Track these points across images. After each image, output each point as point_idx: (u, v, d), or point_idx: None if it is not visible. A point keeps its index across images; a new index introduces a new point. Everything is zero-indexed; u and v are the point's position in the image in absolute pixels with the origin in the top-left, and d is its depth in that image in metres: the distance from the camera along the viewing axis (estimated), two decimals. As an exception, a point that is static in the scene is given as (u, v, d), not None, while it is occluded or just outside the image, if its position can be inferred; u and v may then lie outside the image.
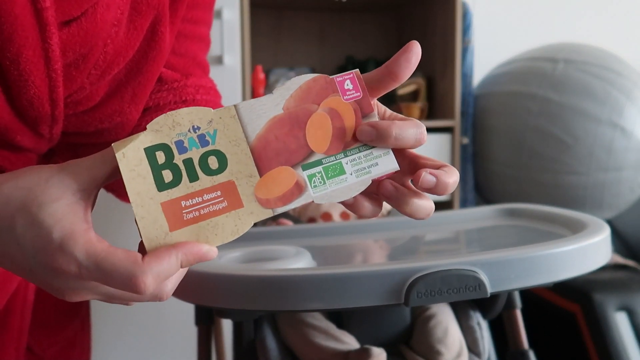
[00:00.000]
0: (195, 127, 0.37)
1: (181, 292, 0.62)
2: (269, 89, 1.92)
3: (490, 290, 0.57)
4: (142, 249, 0.37)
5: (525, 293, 0.94)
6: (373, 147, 0.40)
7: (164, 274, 0.34)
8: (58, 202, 0.34)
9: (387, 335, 0.90)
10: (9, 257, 0.35)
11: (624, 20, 2.43)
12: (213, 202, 0.37)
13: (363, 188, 0.39)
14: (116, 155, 0.36)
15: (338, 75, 0.40)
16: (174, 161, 0.37)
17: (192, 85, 0.62)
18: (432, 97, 2.01)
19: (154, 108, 0.58)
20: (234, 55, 1.59)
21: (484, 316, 0.95)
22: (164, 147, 0.37)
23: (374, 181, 0.40)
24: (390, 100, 2.02)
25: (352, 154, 0.39)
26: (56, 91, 0.46)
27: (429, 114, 1.97)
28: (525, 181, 1.82)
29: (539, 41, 2.03)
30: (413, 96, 1.96)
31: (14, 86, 0.43)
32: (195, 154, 0.37)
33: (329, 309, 0.83)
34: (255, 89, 1.75)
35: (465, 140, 1.91)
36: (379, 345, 0.90)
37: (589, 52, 1.83)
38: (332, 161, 0.39)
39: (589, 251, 0.63)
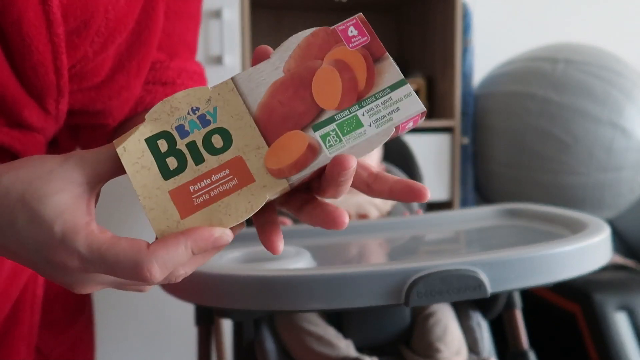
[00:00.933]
0: (194, 108, 0.36)
1: (181, 292, 0.62)
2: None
3: (490, 290, 0.57)
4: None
5: (525, 293, 0.94)
6: (392, 90, 0.35)
7: (172, 262, 0.33)
8: (60, 195, 0.33)
9: (387, 335, 0.90)
10: (12, 252, 0.35)
11: (624, 20, 2.43)
12: (222, 181, 0.35)
13: (386, 139, 0.35)
14: (117, 150, 0.34)
15: (339, 23, 0.36)
16: (177, 147, 0.35)
17: (175, 68, 0.61)
18: (432, 97, 2.00)
19: None
20: (234, 55, 1.59)
21: (484, 316, 0.95)
22: (165, 135, 0.35)
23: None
24: (390, 100, 2.02)
25: (369, 104, 0.35)
26: (60, 58, 0.45)
27: (429, 114, 1.97)
28: (525, 181, 1.82)
29: (539, 41, 2.03)
30: (413, 96, 1.95)
31: (18, 53, 0.43)
32: (197, 136, 0.35)
33: (328, 309, 0.83)
34: (255, 89, 1.75)
35: (465, 140, 1.91)
36: (378, 345, 0.90)
37: (589, 52, 1.83)
38: (347, 115, 0.35)
39: (589, 251, 0.63)
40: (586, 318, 1.46)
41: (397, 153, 1.29)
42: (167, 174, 0.35)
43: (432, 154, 1.87)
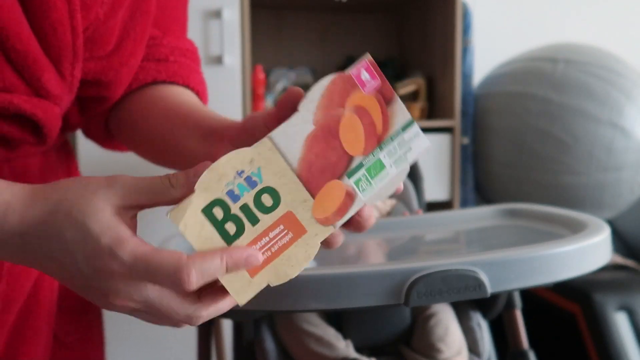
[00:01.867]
0: (239, 171, 0.37)
1: (181, 292, 0.62)
2: (269, 88, 1.92)
3: (490, 290, 0.57)
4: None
5: (525, 293, 0.94)
6: (403, 131, 0.40)
7: (208, 272, 0.35)
8: (103, 213, 0.36)
9: (387, 335, 0.90)
10: (58, 263, 0.37)
11: (624, 20, 2.43)
12: (279, 237, 0.38)
13: (403, 178, 0.40)
14: (179, 227, 0.36)
15: (351, 68, 0.39)
16: (232, 212, 0.37)
17: (167, 45, 0.62)
18: (432, 97, 2.01)
19: None
20: (234, 55, 1.59)
21: (484, 316, 0.95)
22: (219, 202, 0.37)
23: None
24: (390, 100, 2.02)
25: (387, 146, 0.40)
26: (75, 17, 0.48)
27: (429, 114, 1.97)
28: (525, 181, 1.82)
29: (539, 41, 2.03)
30: (413, 96, 1.96)
31: (38, 10, 0.46)
32: (248, 198, 0.37)
33: (328, 309, 0.83)
34: (255, 89, 1.76)
35: (465, 140, 1.91)
36: (379, 345, 0.90)
37: (589, 52, 1.83)
38: (372, 160, 0.40)
39: (589, 251, 0.63)
40: (586, 318, 1.46)
41: (397, 153, 1.29)
42: (228, 239, 0.37)
43: (432, 154, 1.87)
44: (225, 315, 0.86)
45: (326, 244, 0.42)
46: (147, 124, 0.58)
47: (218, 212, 0.37)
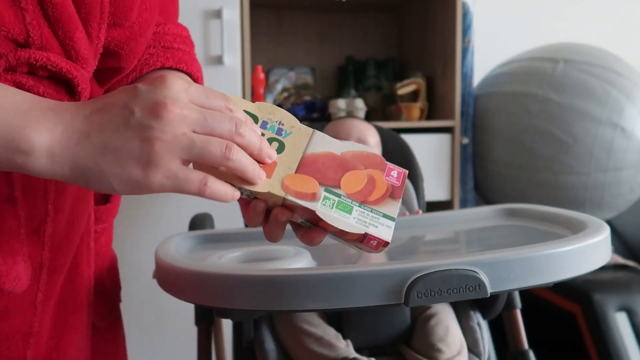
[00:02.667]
0: (281, 122, 0.50)
1: (181, 292, 0.62)
2: (268, 88, 1.92)
3: (490, 290, 0.57)
4: None
5: (525, 293, 0.94)
6: (383, 216, 0.49)
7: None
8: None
9: (387, 335, 0.90)
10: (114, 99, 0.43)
11: (624, 20, 2.43)
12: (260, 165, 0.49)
13: (353, 231, 0.48)
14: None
15: (392, 165, 0.51)
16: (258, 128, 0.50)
17: (170, 33, 0.67)
18: (432, 97, 2.01)
19: None
20: (234, 55, 1.59)
21: (484, 316, 0.95)
22: (254, 117, 0.50)
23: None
24: (390, 100, 2.02)
25: (364, 209, 0.49)
26: None
27: (429, 114, 1.97)
28: (525, 181, 1.82)
29: (539, 41, 2.03)
30: (413, 96, 1.96)
31: None
32: (268, 134, 0.49)
33: (328, 309, 0.83)
34: (255, 89, 1.75)
35: (465, 140, 1.91)
36: (379, 345, 0.90)
37: (589, 52, 1.83)
38: (348, 202, 0.49)
39: (589, 251, 0.63)
40: (586, 318, 1.46)
41: (397, 153, 1.29)
42: None
43: (432, 154, 1.87)
44: (225, 315, 0.86)
45: (308, 239, 0.50)
46: None
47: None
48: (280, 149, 0.49)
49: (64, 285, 0.57)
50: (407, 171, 0.51)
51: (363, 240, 0.49)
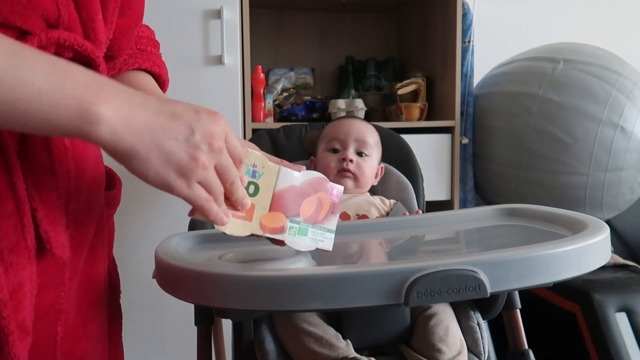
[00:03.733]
0: (254, 164, 0.61)
1: (181, 292, 0.62)
2: (268, 89, 1.92)
3: (490, 290, 0.57)
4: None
5: (525, 293, 0.94)
6: (326, 231, 0.66)
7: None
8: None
9: (387, 335, 0.90)
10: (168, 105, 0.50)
11: (624, 20, 2.43)
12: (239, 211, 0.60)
13: (311, 248, 0.65)
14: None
15: (332, 184, 0.67)
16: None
17: (144, 36, 0.73)
18: (432, 97, 2.01)
19: None
20: (234, 55, 1.59)
21: (484, 316, 0.95)
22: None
23: None
24: (390, 100, 2.02)
25: (315, 229, 0.65)
26: None
27: (429, 114, 1.97)
28: (525, 181, 1.82)
29: (539, 41, 2.03)
30: (413, 96, 1.96)
31: None
32: (246, 179, 0.60)
33: (328, 309, 0.83)
34: (255, 89, 1.75)
35: (465, 140, 1.91)
36: (378, 345, 0.90)
37: (589, 52, 1.83)
38: (305, 226, 0.65)
39: (589, 251, 0.63)
40: (586, 318, 1.46)
41: (397, 153, 1.28)
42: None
43: (432, 154, 1.87)
44: (225, 315, 0.86)
45: (276, 243, 0.65)
46: None
47: None
48: (256, 191, 0.61)
49: (85, 264, 0.59)
50: (342, 187, 0.68)
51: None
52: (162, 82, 0.74)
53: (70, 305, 0.56)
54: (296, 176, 0.63)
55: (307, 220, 0.64)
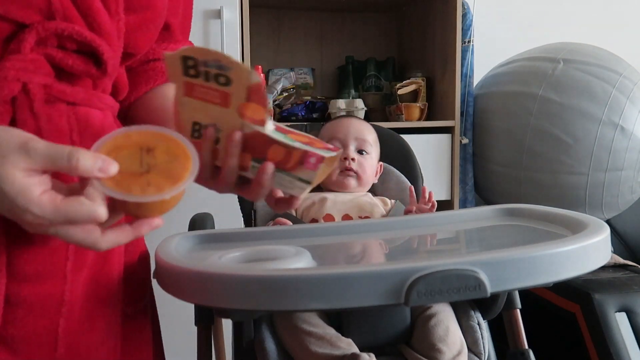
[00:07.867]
0: (218, 60, 0.53)
1: (181, 292, 0.62)
2: (269, 89, 1.92)
3: (490, 290, 0.57)
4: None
5: (525, 293, 0.94)
6: (300, 180, 0.57)
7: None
8: (14, 177, 0.43)
9: (387, 335, 0.90)
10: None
11: (624, 20, 2.43)
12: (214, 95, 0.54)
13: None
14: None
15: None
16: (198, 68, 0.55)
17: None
18: (432, 97, 2.01)
19: None
20: (234, 55, 1.59)
21: (484, 316, 0.95)
22: (194, 59, 0.55)
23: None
24: (390, 100, 2.02)
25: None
26: None
27: (429, 114, 1.97)
28: (525, 181, 1.82)
29: (539, 41, 2.03)
30: (413, 96, 1.96)
31: None
32: (213, 71, 0.54)
33: (328, 309, 0.83)
34: (255, 89, 1.75)
35: (465, 140, 1.91)
36: (379, 345, 0.90)
37: (589, 52, 1.83)
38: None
39: (589, 251, 0.63)
40: (586, 318, 1.46)
41: (397, 153, 1.28)
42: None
43: (432, 154, 1.87)
44: (225, 315, 0.86)
45: (288, 202, 0.61)
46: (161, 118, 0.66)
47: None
48: (228, 82, 0.54)
49: (95, 261, 0.59)
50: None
51: (304, 162, 0.55)
52: None
53: (75, 299, 0.56)
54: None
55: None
